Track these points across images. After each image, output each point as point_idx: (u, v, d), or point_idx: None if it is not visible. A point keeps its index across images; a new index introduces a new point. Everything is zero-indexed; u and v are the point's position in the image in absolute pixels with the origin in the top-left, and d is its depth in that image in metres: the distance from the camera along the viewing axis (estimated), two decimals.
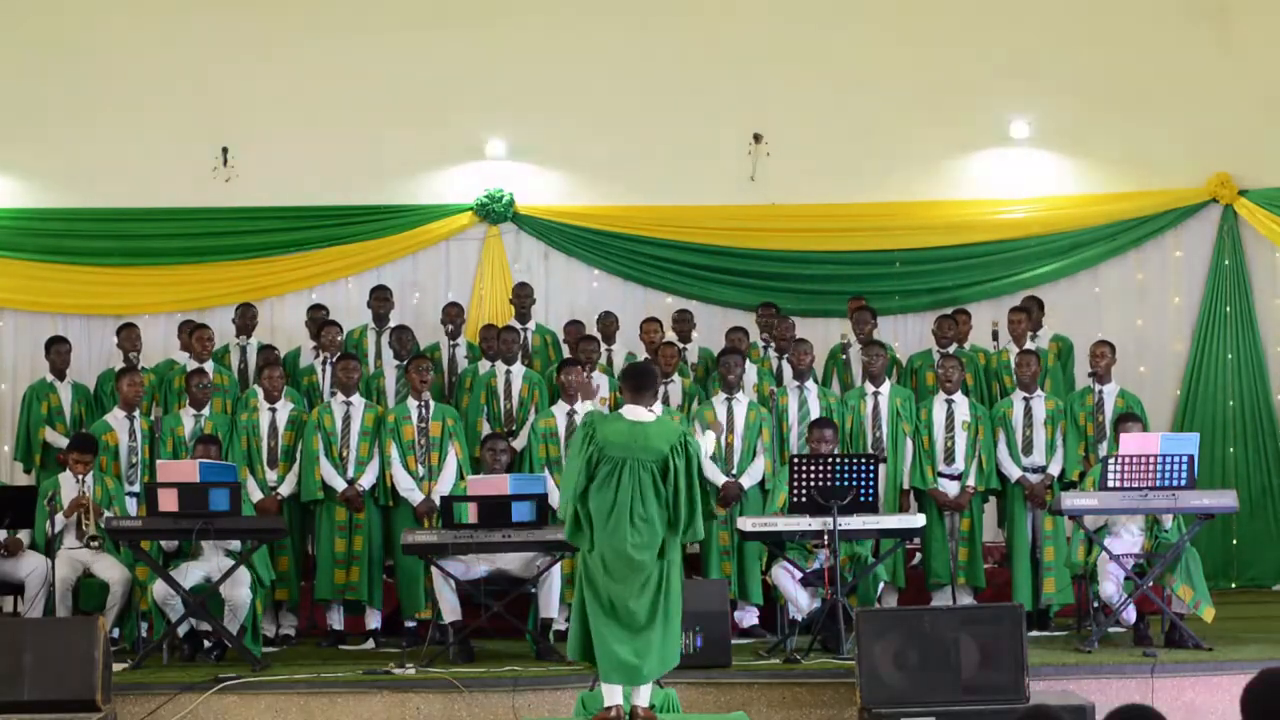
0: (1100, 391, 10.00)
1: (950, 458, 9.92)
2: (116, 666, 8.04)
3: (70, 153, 12.31)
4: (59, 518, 9.13)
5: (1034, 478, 9.91)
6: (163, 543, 9.05)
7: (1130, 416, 9.58)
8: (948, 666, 7.42)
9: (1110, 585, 8.91)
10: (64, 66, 12.34)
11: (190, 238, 12.34)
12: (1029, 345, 10.70)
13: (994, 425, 9.99)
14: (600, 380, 10.53)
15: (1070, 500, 8.95)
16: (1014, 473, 9.95)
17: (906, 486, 10.03)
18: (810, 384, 10.21)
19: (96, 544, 9.27)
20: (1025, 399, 10.05)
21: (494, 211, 12.45)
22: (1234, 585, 11.78)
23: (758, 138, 12.49)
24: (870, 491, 8.87)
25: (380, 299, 11.46)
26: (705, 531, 7.32)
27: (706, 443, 7.91)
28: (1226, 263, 12.27)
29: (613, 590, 6.91)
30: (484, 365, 10.86)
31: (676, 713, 7.37)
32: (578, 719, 7.34)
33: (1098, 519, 9.06)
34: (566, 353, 11.20)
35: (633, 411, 7.16)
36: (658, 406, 9.63)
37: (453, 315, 11.36)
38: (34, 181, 12.37)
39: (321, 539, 9.76)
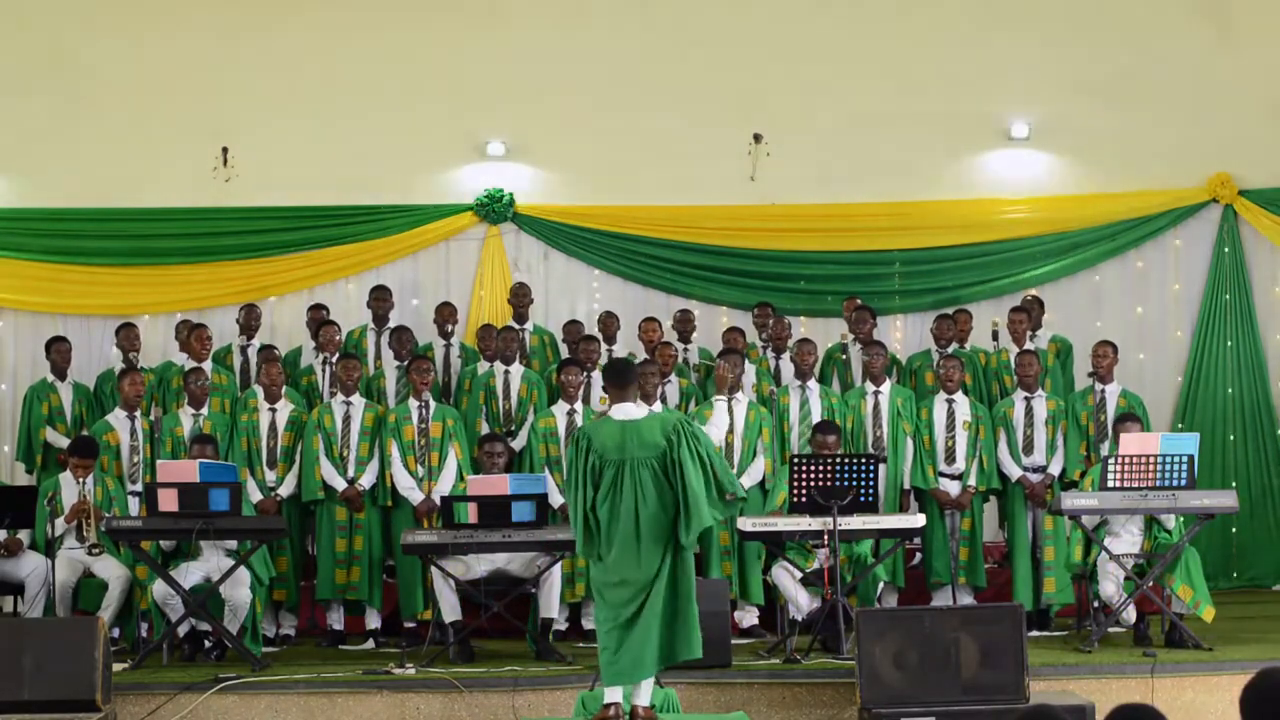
0: (1102, 391, 10.00)
1: (951, 457, 9.93)
2: (116, 666, 8.04)
3: (70, 153, 12.29)
4: (59, 521, 9.13)
5: (1035, 477, 9.91)
6: (160, 542, 9.04)
7: (1129, 417, 9.58)
8: (948, 666, 7.42)
9: (1110, 585, 8.91)
10: (64, 66, 12.31)
11: (190, 238, 12.33)
12: (1029, 345, 10.70)
13: (995, 425, 10.00)
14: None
15: (1070, 500, 8.96)
16: (1015, 472, 9.95)
17: (907, 486, 10.03)
18: (812, 383, 10.20)
19: (98, 551, 9.28)
20: (1026, 399, 10.05)
21: (494, 211, 12.45)
22: (1234, 585, 11.78)
23: (758, 138, 12.48)
24: (870, 491, 8.87)
25: (380, 299, 11.46)
26: (706, 520, 7.00)
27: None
28: (1226, 263, 12.26)
29: (619, 596, 6.91)
30: (482, 366, 10.85)
31: (676, 713, 7.37)
32: (578, 719, 7.34)
33: (1096, 519, 9.06)
34: (565, 353, 11.20)
35: (621, 410, 7.12)
36: (657, 406, 9.76)
37: (447, 315, 11.35)
38: (34, 181, 12.36)
39: (322, 539, 9.77)
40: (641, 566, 6.90)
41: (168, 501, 8.67)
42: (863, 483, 8.82)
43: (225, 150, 12.36)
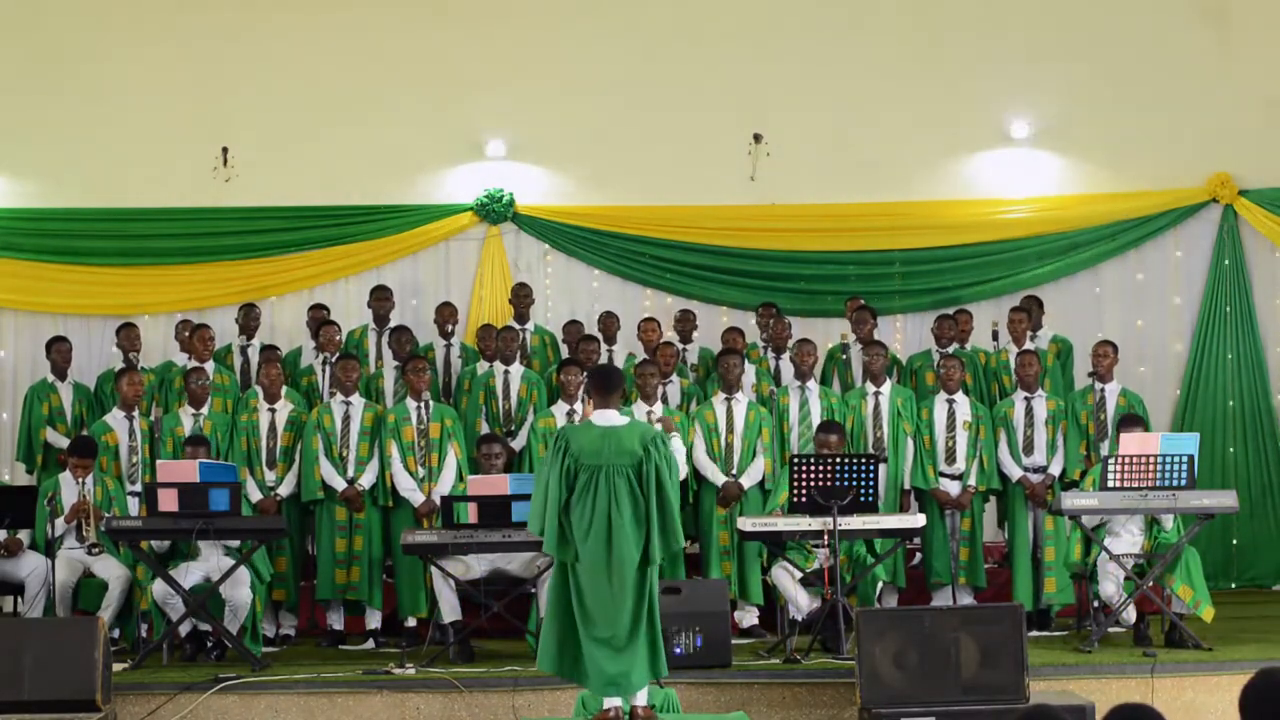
0: (1102, 391, 10.01)
1: (951, 457, 9.93)
2: (116, 666, 8.04)
3: (70, 153, 12.30)
4: (59, 521, 9.13)
5: (1035, 477, 9.92)
6: (154, 542, 9.03)
7: (1133, 419, 9.57)
8: (948, 666, 7.42)
9: (1110, 585, 8.91)
10: (64, 66, 12.33)
11: (190, 238, 12.34)
12: (1028, 345, 10.70)
13: (995, 425, 10.00)
14: None
15: (1070, 500, 8.95)
16: (1015, 472, 9.95)
17: (907, 486, 10.04)
18: (812, 384, 10.20)
19: (97, 550, 9.28)
20: (1026, 399, 10.05)
21: (494, 211, 12.45)
22: (1234, 585, 11.78)
23: (758, 138, 12.48)
24: (870, 491, 8.87)
25: (380, 299, 11.46)
26: (682, 541, 7.09)
27: (675, 445, 7.68)
28: (1226, 263, 12.27)
29: (596, 603, 6.87)
30: (482, 366, 10.86)
31: (676, 713, 7.36)
32: (578, 719, 7.34)
33: (1096, 519, 9.06)
34: (566, 353, 11.21)
35: (603, 416, 7.10)
36: (658, 407, 9.77)
37: (447, 315, 11.36)
38: (34, 181, 12.36)
39: (322, 539, 9.76)
40: (614, 588, 6.83)
41: (168, 501, 8.67)
42: (863, 483, 8.82)
43: (225, 150, 12.36)
